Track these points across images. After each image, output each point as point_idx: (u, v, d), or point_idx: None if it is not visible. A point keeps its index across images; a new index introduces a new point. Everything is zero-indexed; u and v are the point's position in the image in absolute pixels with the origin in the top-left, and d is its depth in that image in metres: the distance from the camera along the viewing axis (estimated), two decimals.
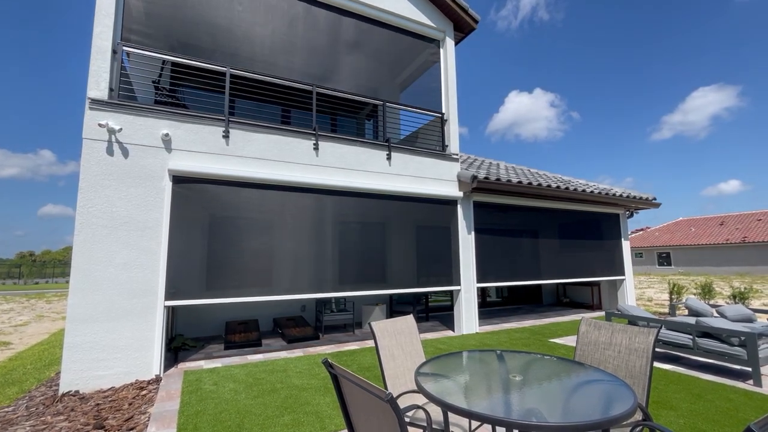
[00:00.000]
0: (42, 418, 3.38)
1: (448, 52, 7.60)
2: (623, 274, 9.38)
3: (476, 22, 7.74)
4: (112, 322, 4.32)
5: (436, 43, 7.70)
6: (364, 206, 6.29)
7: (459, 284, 6.86)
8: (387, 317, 6.39)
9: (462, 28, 7.82)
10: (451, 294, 6.94)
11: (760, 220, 29.08)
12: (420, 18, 7.30)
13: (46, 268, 39.21)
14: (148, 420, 3.30)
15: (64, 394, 3.94)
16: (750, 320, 5.01)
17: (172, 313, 4.69)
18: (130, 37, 5.00)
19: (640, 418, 1.99)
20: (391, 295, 7.81)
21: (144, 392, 3.99)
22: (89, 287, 4.26)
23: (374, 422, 1.40)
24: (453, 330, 6.99)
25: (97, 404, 3.67)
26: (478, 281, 7.15)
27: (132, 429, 3.15)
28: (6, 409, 3.69)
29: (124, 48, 4.85)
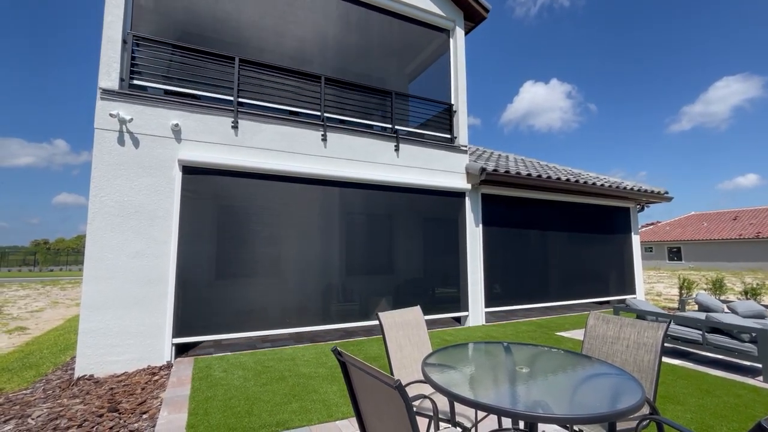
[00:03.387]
0: (58, 401, 3.49)
1: (458, 42, 7.49)
2: (633, 279, 9.29)
3: (487, 11, 7.61)
4: (124, 309, 4.41)
5: (446, 33, 7.60)
6: (372, 198, 6.30)
7: (467, 310, 6.94)
8: (394, 308, 6.40)
9: (473, 17, 7.70)
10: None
11: None
12: (430, 7, 7.19)
13: (60, 256, 40.11)
14: (160, 404, 3.39)
15: (79, 378, 4.06)
16: (762, 316, 4.94)
17: (182, 302, 4.78)
18: (139, 26, 5.01)
19: (648, 412, 1.99)
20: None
21: (156, 378, 4.09)
22: (102, 275, 4.35)
23: (382, 409, 1.42)
24: (459, 322, 7.02)
25: (111, 388, 3.78)
26: (485, 275, 7.15)
27: (145, 413, 3.23)
28: (24, 392, 3.82)
29: (134, 37, 4.86)
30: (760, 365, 4.14)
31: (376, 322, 2.59)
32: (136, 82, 4.87)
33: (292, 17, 6.19)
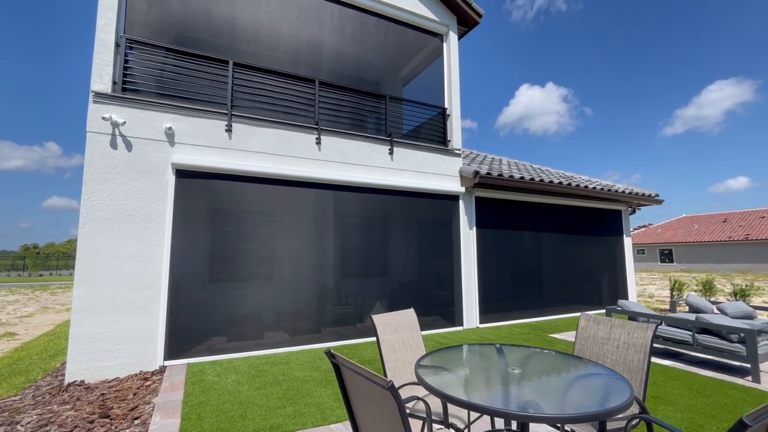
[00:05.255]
0: (48, 407, 3.44)
1: (452, 46, 7.56)
2: (626, 280, 9.40)
3: (480, 16, 7.70)
4: (116, 313, 4.37)
5: (439, 38, 7.66)
6: (367, 201, 6.31)
7: (461, 311, 6.96)
8: (388, 311, 6.38)
9: (466, 22, 7.78)
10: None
11: (764, 217, 28.94)
12: (423, 12, 7.26)
13: (50, 261, 39.53)
14: (152, 410, 3.36)
15: (69, 384, 4.01)
16: (750, 317, 5.02)
17: (175, 307, 4.74)
18: (133, 30, 5.00)
19: (637, 412, 2.02)
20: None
21: (148, 383, 4.05)
22: (94, 279, 4.31)
23: (375, 410, 1.43)
24: (453, 324, 7.03)
25: (102, 394, 3.73)
26: (479, 277, 7.20)
27: (137, 418, 3.20)
28: (13, 398, 3.76)
29: (127, 40, 4.85)
30: (748, 365, 4.20)
31: (370, 325, 2.59)
32: (129, 85, 4.85)
33: (286, 21, 6.21)
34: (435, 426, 2.10)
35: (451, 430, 2.05)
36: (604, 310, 7.10)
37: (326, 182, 5.91)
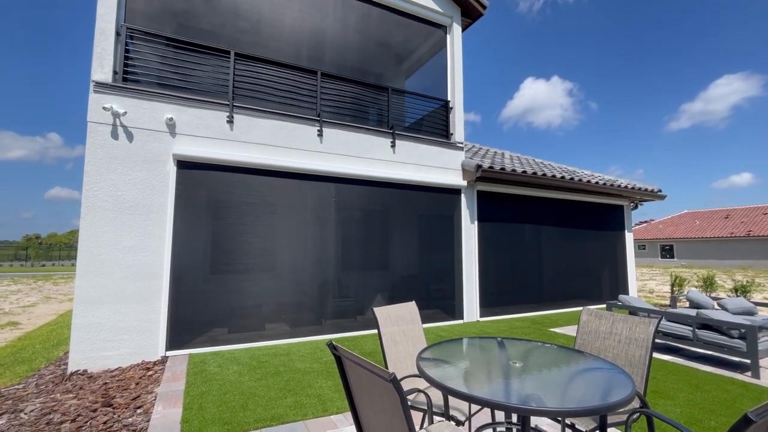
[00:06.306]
0: (51, 396, 3.47)
1: (455, 38, 7.47)
2: (626, 276, 9.39)
3: (484, 8, 7.60)
4: (118, 304, 4.39)
5: (443, 29, 7.58)
6: (368, 194, 6.29)
7: (462, 305, 6.97)
8: (389, 303, 6.38)
9: (470, 13, 7.68)
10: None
11: (766, 214, 28.84)
12: (427, 3, 7.17)
13: (53, 251, 39.71)
14: (154, 399, 3.38)
15: (72, 373, 4.04)
16: (751, 313, 5.02)
17: (176, 298, 4.76)
18: (133, 19, 4.95)
19: (638, 406, 2.02)
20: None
21: (150, 373, 4.08)
22: (96, 270, 4.32)
23: (377, 402, 1.44)
24: (454, 318, 7.05)
25: (105, 383, 3.76)
26: (480, 271, 7.20)
27: (139, 407, 3.23)
28: (16, 387, 3.79)
29: (128, 29, 4.80)
30: (748, 361, 4.21)
31: (371, 318, 2.60)
32: (129, 75, 4.81)
33: (288, 11, 6.14)
34: (436, 418, 2.11)
35: (451, 422, 2.05)
36: (604, 305, 7.11)
37: (328, 175, 5.89)
